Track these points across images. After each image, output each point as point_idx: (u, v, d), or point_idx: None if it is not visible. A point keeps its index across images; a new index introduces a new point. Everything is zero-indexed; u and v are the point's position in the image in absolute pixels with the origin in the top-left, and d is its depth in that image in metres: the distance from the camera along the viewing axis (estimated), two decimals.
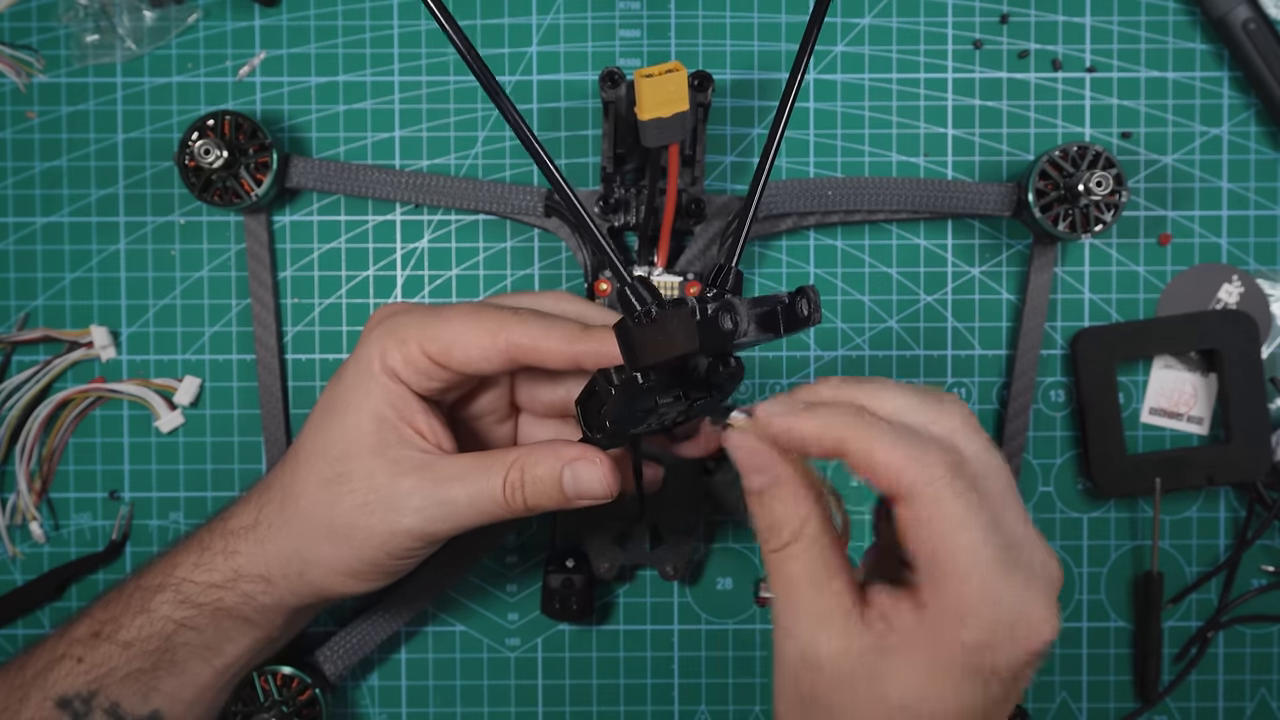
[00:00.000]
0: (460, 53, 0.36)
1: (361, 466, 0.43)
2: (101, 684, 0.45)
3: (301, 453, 0.44)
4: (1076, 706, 0.54)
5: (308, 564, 0.44)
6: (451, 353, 0.42)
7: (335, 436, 0.43)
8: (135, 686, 0.45)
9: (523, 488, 0.42)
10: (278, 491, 0.45)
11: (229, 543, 0.45)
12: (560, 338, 0.41)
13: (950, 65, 0.54)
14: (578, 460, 0.41)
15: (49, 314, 0.54)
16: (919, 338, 0.54)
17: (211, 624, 0.45)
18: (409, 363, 0.42)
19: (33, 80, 0.54)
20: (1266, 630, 0.54)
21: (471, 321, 0.42)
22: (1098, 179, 0.50)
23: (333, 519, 0.43)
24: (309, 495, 0.44)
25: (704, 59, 0.54)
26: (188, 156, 0.50)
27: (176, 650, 0.45)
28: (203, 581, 0.45)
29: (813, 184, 0.51)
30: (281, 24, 0.54)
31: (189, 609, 0.45)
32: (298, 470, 0.44)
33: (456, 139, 0.54)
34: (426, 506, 0.42)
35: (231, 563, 0.45)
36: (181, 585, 0.45)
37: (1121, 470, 0.53)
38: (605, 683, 0.54)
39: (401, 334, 0.42)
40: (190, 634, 0.45)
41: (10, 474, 0.54)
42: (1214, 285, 0.54)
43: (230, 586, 0.45)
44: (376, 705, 0.54)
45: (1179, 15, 0.54)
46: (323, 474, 0.43)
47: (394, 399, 0.43)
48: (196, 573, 0.45)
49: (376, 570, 0.44)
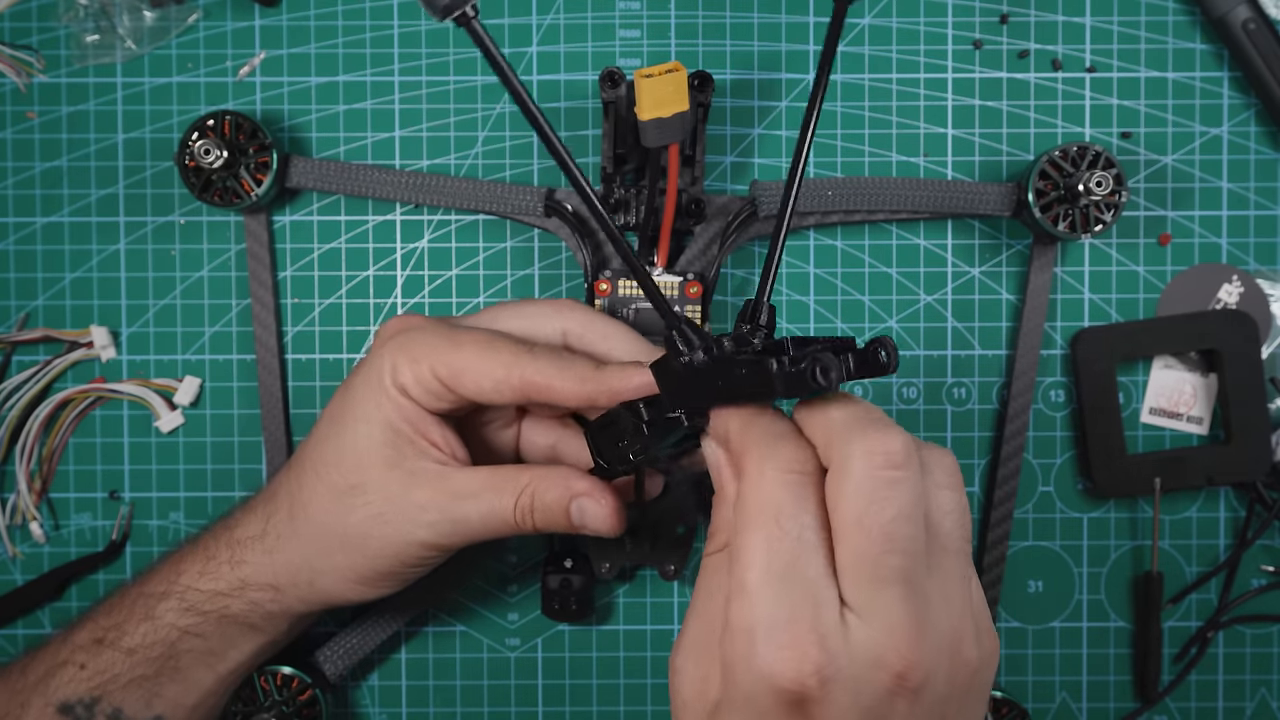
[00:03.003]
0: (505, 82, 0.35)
1: (376, 478, 0.43)
2: (104, 690, 0.45)
3: (308, 462, 0.44)
4: (1076, 706, 0.54)
5: (318, 573, 0.44)
6: (463, 380, 0.42)
7: (348, 447, 0.43)
8: (138, 692, 0.45)
9: (532, 513, 0.42)
10: (285, 500, 0.45)
11: (235, 552, 0.45)
12: (574, 378, 0.41)
13: (950, 65, 0.54)
14: (584, 497, 0.42)
15: (49, 314, 0.54)
16: (919, 338, 0.54)
17: (217, 630, 0.45)
18: (419, 382, 0.42)
19: (33, 80, 0.54)
20: (1266, 630, 0.54)
21: (486, 353, 0.42)
22: (1098, 179, 0.50)
23: (346, 529, 0.43)
24: (319, 505, 0.44)
25: (704, 59, 0.54)
26: (188, 156, 0.50)
27: (180, 657, 0.45)
28: (208, 590, 0.45)
29: (813, 184, 0.51)
30: (281, 24, 0.54)
31: (194, 616, 0.45)
32: (305, 479, 0.44)
33: (456, 139, 0.54)
34: (439, 521, 0.43)
35: (238, 572, 0.45)
36: (186, 593, 0.45)
37: (1121, 470, 0.53)
38: (605, 683, 0.54)
39: (414, 352, 0.42)
40: (195, 641, 0.45)
41: (10, 474, 0.54)
42: (1214, 285, 0.54)
43: (237, 595, 0.45)
44: (376, 705, 0.54)
45: (1179, 15, 0.54)
46: (335, 484, 0.43)
47: (406, 412, 0.43)
48: (202, 581, 0.45)
49: (389, 578, 0.44)
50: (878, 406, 0.35)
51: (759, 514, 0.33)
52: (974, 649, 0.34)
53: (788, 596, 0.32)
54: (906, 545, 0.32)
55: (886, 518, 0.32)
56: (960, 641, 0.33)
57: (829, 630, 0.32)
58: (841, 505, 0.32)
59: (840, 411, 0.33)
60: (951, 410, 0.54)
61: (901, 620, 0.32)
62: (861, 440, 0.32)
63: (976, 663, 0.34)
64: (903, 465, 0.32)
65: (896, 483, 0.32)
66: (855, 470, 0.32)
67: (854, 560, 0.32)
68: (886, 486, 0.32)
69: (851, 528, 0.32)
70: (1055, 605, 0.54)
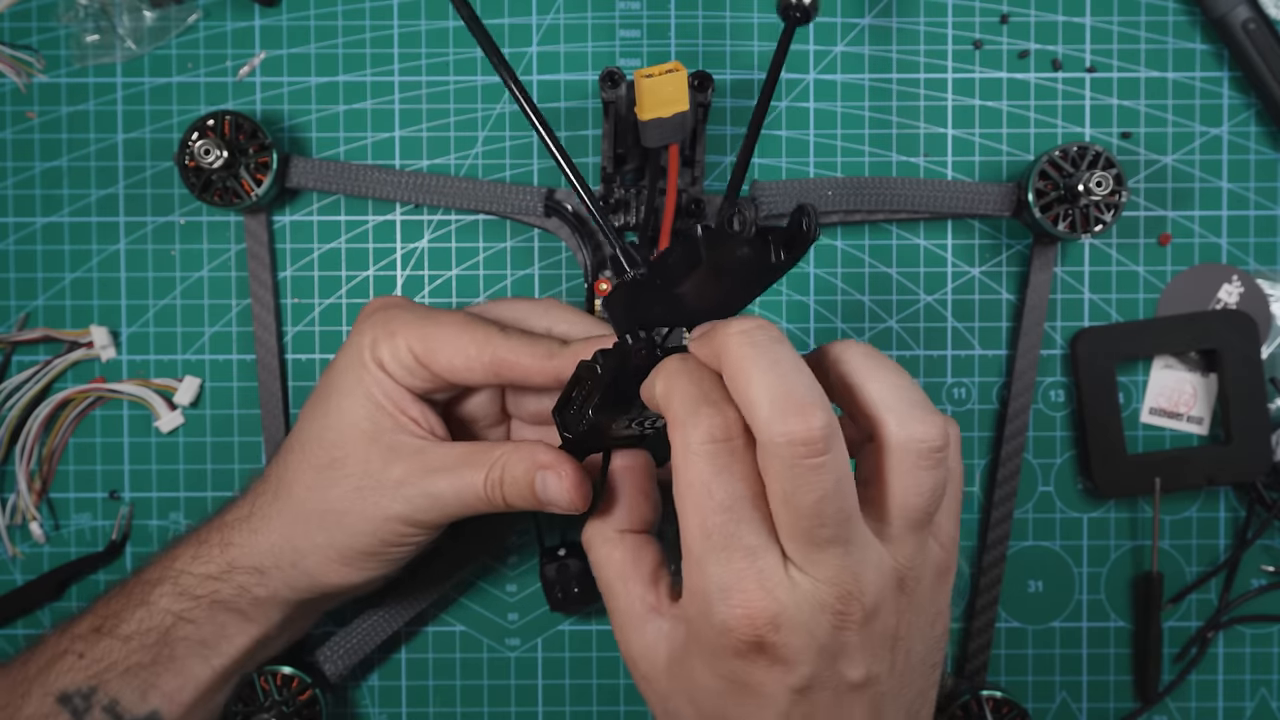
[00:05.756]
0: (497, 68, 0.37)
1: (356, 452, 0.43)
2: (101, 679, 0.45)
3: (295, 440, 0.45)
4: (1076, 706, 0.54)
5: (300, 553, 0.44)
6: (436, 356, 0.42)
7: (332, 422, 0.44)
8: (134, 682, 0.45)
9: (501, 486, 0.42)
10: (273, 482, 0.45)
11: (225, 535, 0.46)
12: (541, 354, 0.42)
13: (950, 65, 0.54)
14: (547, 470, 0.41)
15: (49, 314, 0.54)
16: (919, 338, 0.54)
17: (208, 617, 0.46)
18: (396, 357, 0.43)
19: (33, 80, 0.54)
20: (1266, 630, 0.54)
21: (461, 330, 0.42)
22: (1098, 179, 0.50)
23: (326, 505, 0.43)
24: (302, 482, 0.44)
25: (704, 59, 0.54)
26: (188, 156, 0.50)
27: (175, 645, 0.46)
28: (199, 574, 0.45)
29: (813, 184, 0.51)
30: (281, 24, 0.54)
31: (186, 601, 0.45)
32: (290, 458, 0.45)
33: (456, 139, 0.54)
34: (415, 496, 0.43)
35: (227, 555, 0.45)
36: (180, 578, 0.46)
37: (1121, 470, 0.53)
38: (605, 683, 0.54)
39: (392, 327, 0.43)
40: (188, 628, 0.45)
41: (10, 474, 0.54)
42: (1214, 285, 0.54)
43: (226, 579, 0.45)
44: (376, 705, 0.54)
45: (1179, 15, 0.54)
46: (316, 460, 0.44)
47: (385, 387, 0.43)
48: (194, 565, 0.46)
49: (371, 558, 0.44)
50: (797, 372, 0.34)
51: (688, 488, 0.34)
52: (925, 570, 0.36)
53: (730, 561, 0.34)
54: (835, 517, 0.33)
55: (811, 500, 0.33)
56: (906, 572, 0.36)
57: (775, 584, 0.34)
58: (770, 483, 0.34)
59: (761, 386, 0.33)
60: (951, 410, 0.54)
61: (838, 573, 0.34)
62: (781, 425, 0.33)
63: (929, 577, 0.37)
64: (824, 450, 0.33)
65: (818, 469, 0.33)
66: (777, 456, 0.33)
67: (789, 529, 0.34)
68: (809, 472, 0.33)
69: (780, 505, 0.34)
70: (1055, 605, 0.54)
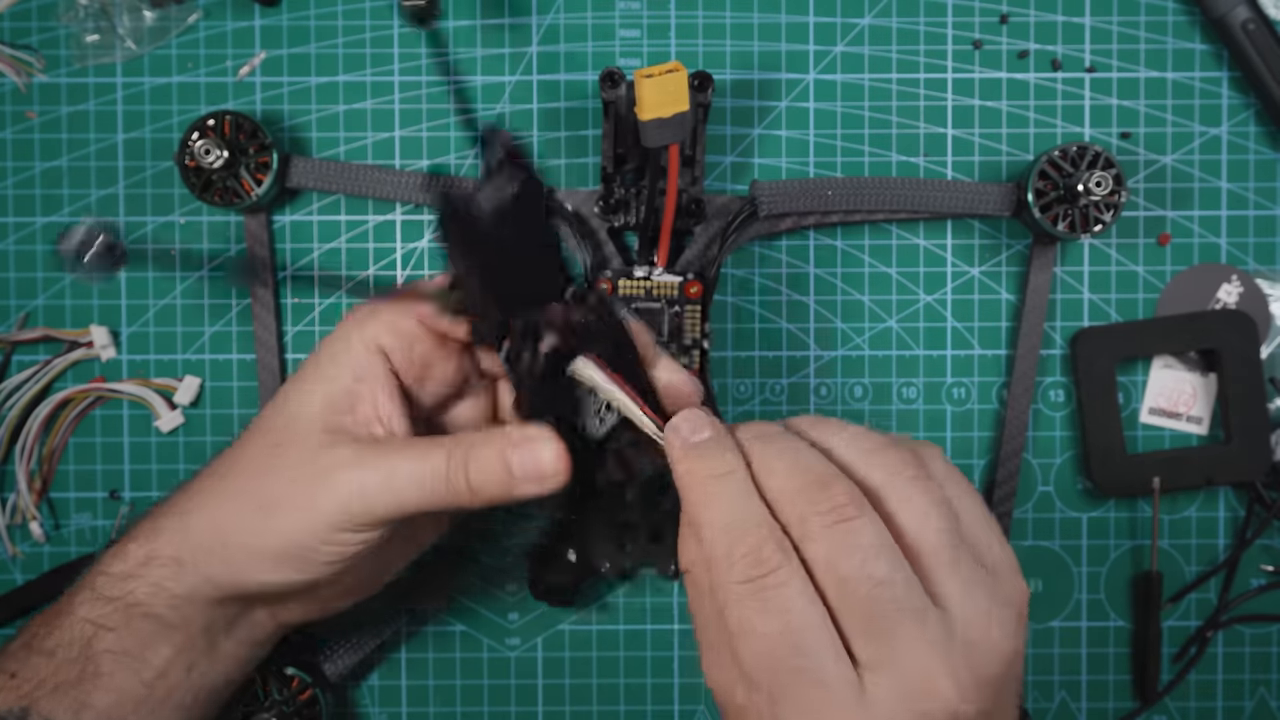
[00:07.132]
0: None
1: (304, 435, 0.41)
2: (31, 698, 0.41)
3: (253, 424, 0.43)
4: (1076, 706, 0.54)
5: (227, 538, 0.41)
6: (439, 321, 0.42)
7: (291, 406, 0.41)
8: (65, 701, 0.41)
9: (466, 467, 0.39)
10: (222, 463, 0.42)
11: (155, 522, 0.42)
12: None
13: (950, 65, 0.54)
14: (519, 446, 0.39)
15: (49, 314, 0.54)
16: (919, 338, 0.54)
17: (125, 624, 0.42)
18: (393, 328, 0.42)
19: (33, 80, 0.54)
20: (1266, 630, 0.55)
21: None
22: (1097, 179, 0.50)
23: (264, 490, 0.40)
24: (248, 462, 0.41)
25: (704, 59, 0.54)
26: (188, 156, 0.50)
27: (100, 659, 0.42)
28: (116, 571, 0.42)
29: (813, 184, 0.51)
30: (281, 24, 0.54)
31: (103, 606, 0.42)
32: (248, 437, 0.42)
33: (456, 139, 0.54)
34: (364, 478, 0.39)
35: (150, 544, 0.42)
36: (97, 579, 0.42)
37: (1121, 470, 0.53)
38: (605, 683, 0.54)
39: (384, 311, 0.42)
40: (109, 637, 0.42)
41: (10, 474, 0.54)
42: (1213, 285, 0.54)
43: (142, 574, 0.42)
44: (376, 705, 0.54)
45: (1179, 15, 0.54)
46: (265, 442, 0.41)
47: (360, 371, 0.41)
48: (113, 563, 0.42)
49: (302, 558, 0.41)
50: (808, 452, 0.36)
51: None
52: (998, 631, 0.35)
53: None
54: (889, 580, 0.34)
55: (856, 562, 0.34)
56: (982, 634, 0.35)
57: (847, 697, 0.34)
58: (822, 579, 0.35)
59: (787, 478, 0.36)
60: (951, 410, 0.54)
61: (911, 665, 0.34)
62: (808, 505, 0.35)
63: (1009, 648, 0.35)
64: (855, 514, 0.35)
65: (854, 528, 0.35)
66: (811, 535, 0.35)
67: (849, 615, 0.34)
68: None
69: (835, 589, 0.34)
70: (1054, 605, 0.55)
